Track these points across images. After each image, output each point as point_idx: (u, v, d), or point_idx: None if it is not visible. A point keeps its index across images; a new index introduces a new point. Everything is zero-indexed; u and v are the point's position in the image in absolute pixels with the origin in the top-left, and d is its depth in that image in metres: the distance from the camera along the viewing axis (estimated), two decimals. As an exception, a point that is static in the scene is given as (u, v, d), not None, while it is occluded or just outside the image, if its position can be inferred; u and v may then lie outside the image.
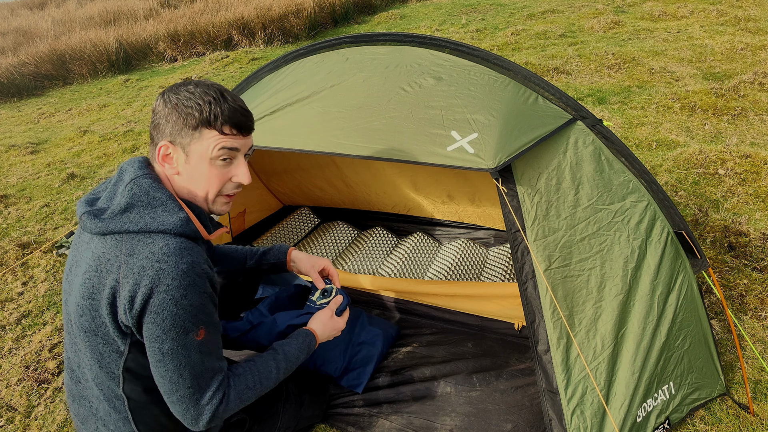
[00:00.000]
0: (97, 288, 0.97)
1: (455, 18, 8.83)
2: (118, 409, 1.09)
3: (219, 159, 1.05)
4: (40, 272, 2.90)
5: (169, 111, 1.03)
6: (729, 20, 6.53)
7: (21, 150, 5.14)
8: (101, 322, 0.99)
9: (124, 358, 1.02)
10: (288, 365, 1.22)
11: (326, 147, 1.57)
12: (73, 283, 1.05)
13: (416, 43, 1.73)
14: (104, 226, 0.99)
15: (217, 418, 1.05)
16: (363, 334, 1.94)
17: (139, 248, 0.96)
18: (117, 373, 1.04)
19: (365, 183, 2.95)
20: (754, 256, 2.39)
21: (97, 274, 0.98)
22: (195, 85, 1.04)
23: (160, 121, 1.04)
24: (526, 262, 1.39)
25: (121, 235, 0.98)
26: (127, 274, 0.94)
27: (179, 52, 8.85)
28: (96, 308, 0.99)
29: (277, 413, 1.47)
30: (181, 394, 1.01)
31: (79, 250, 1.07)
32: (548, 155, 1.48)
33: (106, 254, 0.98)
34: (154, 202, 1.01)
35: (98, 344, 1.02)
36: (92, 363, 1.05)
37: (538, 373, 1.39)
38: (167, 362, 0.98)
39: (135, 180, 1.02)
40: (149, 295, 0.93)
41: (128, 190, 1.01)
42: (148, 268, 0.94)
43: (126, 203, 1.00)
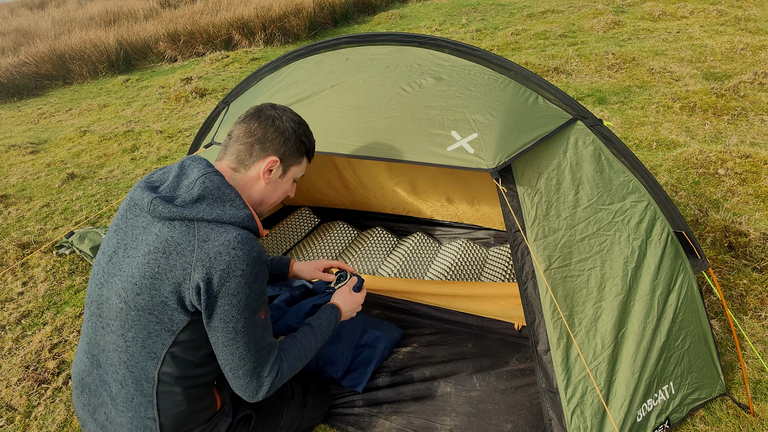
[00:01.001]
0: (164, 268, 1.04)
1: (455, 18, 8.83)
2: (145, 392, 1.11)
3: (296, 179, 1.32)
4: (40, 272, 2.90)
5: (288, 135, 1.23)
6: (729, 20, 6.53)
7: (21, 150, 5.14)
8: (160, 301, 1.05)
9: (174, 337, 1.08)
10: (322, 336, 1.36)
11: (326, 147, 1.57)
12: (122, 265, 1.09)
13: (416, 43, 1.73)
14: (178, 212, 1.06)
15: (273, 388, 1.16)
16: (365, 337, 1.95)
17: (214, 236, 1.05)
18: (160, 353, 1.09)
19: (364, 186, 2.95)
20: (754, 256, 2.39)
21: (164, 255, 1.04)
22: (295, 116, 1.27)
23: (269, 138, 1.22)
24: (526, 262, 1.39)
25: (192, 222, 1.06)
26: (202, 258, 1.03)
27: (179, 52, 8.85)
28: (158, 287, 1.04)
29: (281, 413, 1.48)
30: (247, 368, 1.11)
31: (129, 235, 1.11)
32: (548, 155, 1.48)
33: (176, 238, 1.05)
34: (224, 197, 1.12)
35: (150, 323, 1.07)
36: (132, 343, 1.08)
37: (538, 373, 1.39)
38: (239, 339, 1.08)
39: (206, 175, 1.12)
40: (226, 278, 1.03)
41: (200, 183, 1.10)
42: (224, 254, 1.03)
43: (198, 194, 1.09)
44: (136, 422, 1.13)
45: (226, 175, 1.20)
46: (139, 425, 1.13)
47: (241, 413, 1.34)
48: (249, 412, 1.36)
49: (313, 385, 1.70)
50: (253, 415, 1.37)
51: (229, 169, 1.21)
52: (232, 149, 1.22)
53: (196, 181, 1.11)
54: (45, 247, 3.11)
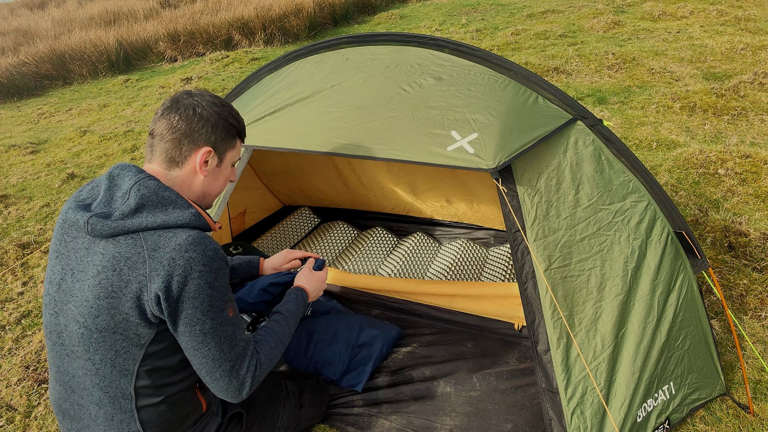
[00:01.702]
0: (117, 286, 1.01)
1: (455, 18, 8.83)
2: (124, 409, 1.09)
3: (234, 163, 1.27)
4: (40, 272, 2.90)
5: (208, 121, 1.14)
6: (729, 20, 6.53)
7: (21, 150, 5.14)
8: (122, 318, 1.02)
9: (144, 350, 1.05)
10: (294, 320, 1.35)
11: (326, 147, 1.58)
12: (72, 291, 1.06)
13: (416, 43, 1.73)
14: (119, 226, 1.01)
15: (255, 383, 1.13)
16: (362, 336, 1.95)
17: (163, 242, 1.01)
18: (132, 369, 1.06)
19: (364, 186, 2.95)
20: (754, 256, 2.39)
21: (115, 272, 1.01)
22: (212, 97, 1.17)
23: (196, 128, 1.13)
24: (526, 262, 1.39)
25: (137, 234, 1.02)
26: (156, 268, 0.99)
27: (179, 52, 8.85)
28: (116, 306, 1.01)
29: (277, 414, 1.48)
30: (224, 369, 1.08)
31: (72, 259, 1.07)
32: (548, 155, 1.48)
33: (123, 253, 1.01)
34: (164, 201, 1.07)
35: (116, 341, 1.04)
36: (101, 365, 1.06)
37: (538, 373, 1.39)
38: (209, 341, 1.05)
39: (140, 182, 1.06)
40: (184, 282, 1.00)
41: (135, 192, 1.05)
42: (178, 259, 1.00)
43: (136, 204, 1.03)
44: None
45: (161, 177, 1.13)
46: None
47: (231, 411, 1.32)
48: (239, 410, 1.35)
49: (309, 385, 1.69)
50: (243, 413, 1.36)
51: (162, 171, 1.14)
52: (159, 149, 1.13)
53: (130, 190, 1.05)
54: (45, 247, 3.11)
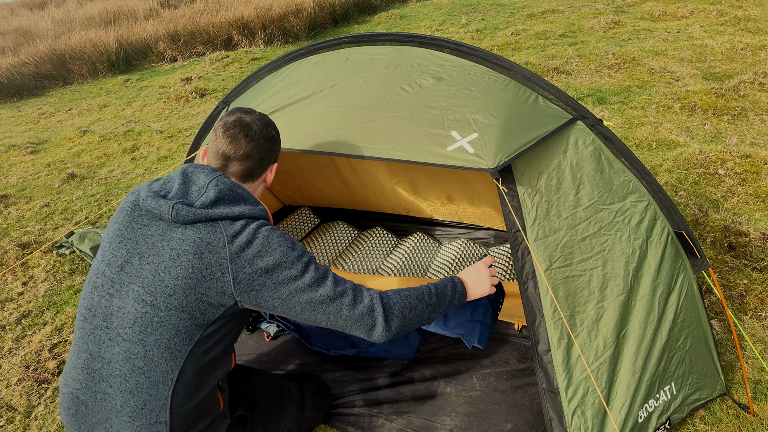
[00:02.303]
0: (197, 268, 1.10)
1: (455, 18, 8.83)
2: (160, 396, 1.11)
3: None
4: (40, 272, 2.90)
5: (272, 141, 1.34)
6: (729, 20, 6.53)
7: (21, 150, 5.14)
8: (196, 298, 1.10)
9: (202, 331, 1.12)
10: (437, 296, 1.32)
11: (326, 147, 1.57)
12: (140, 272, 1.12)
13: (416, 43, 1.73)
14: (202, 214, 1.13)
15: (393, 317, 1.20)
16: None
17: (239, 229, 1.14)
18: (184, 351, 1.11)
19: (364, 185, 2.94)
20: (754, 256, 2.39)
21: (197, 255, 1.10)
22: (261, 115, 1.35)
23: (268, 150, 1.33)
24: (527, 262, 1.39)
25: (216, 222, 1.14)
26: (236, 251, 1.11)
27: (179, 52, 8.85)
28: (193, 286, 1.09)
29: (281, 416, 1.48)
30: (353, 310, 1.17)
31: (141, 243, 1.15)
32: (548, 155, 1.48)
33: (204, 238, 1.12)
34: (238, 197, 1.20)
35: (181, 320, 1.10)
36: (152, 347, 1.09)
37: (538, 373, 1.39)
38: (316, 293, 1.15)
39: (217, 179, 1.20)
40: (268, 257, 1.13)
41: (213, 186, 1.17)
42: (256, 241, 1.13)
43: (215, 196, 1.16)
44: (145, 430, 1.11)
45: (235, 179, 1.29)
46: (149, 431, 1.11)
47: (237, 413, 1.33)
48: (243, 412, 1.36)
49: (311, 387, 1.69)
50: (247, 416, 1.36)
51: (237, 178, 1.29)
52: (237, 167, 1.28)
53: (208, 185, 1.18)
54: (45, 247, 3.11)
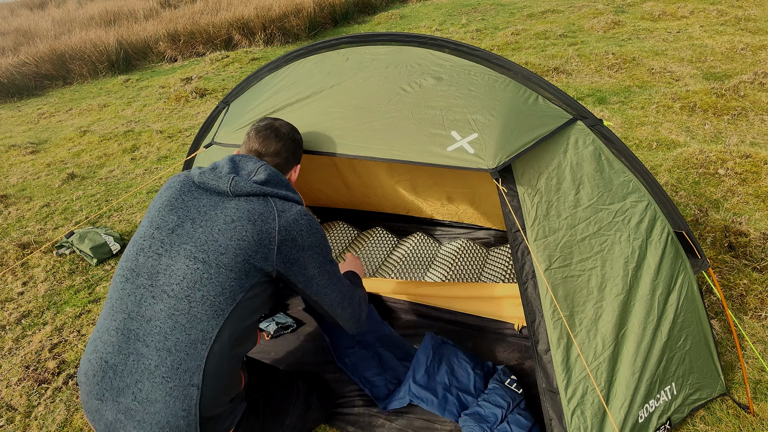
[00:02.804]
0: (250, 233, 1.21)
1: (455, 18, 8.83)
2: (197, 356, 1.14)
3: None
4: (40, 272, 2.90)
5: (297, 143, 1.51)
6: (729, 20, 6.53)
7: (21, 150, 5.15)
8: (243, 259, 1.20)
9: (244, 293, 1.21)
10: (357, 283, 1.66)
11: (326, 147, 1.57)
12: (193, 234, 1.22)
13: (416, 43, 1.73)
14: (257, 188, 1.27)
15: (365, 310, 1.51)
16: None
17: (287, 207, 1.29)
18: (227, 310, 1.18)
19: (364, 185, 2.94)
20: (754, 256, 2.39)
21: (250, 222, 1.22)
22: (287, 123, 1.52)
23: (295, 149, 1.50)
24: (527, 262, 1.39)
25: (267, 198, 1.28)
26: (284, 225, 1.26)
27: (179, 52, 8.85)
28: (244, 248, 1.20)
29: (287, 412, 1.50)
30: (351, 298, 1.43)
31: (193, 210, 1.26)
32: (548, 155, 1.48)
33: (257, 209, 1.25)
34: (282, 181, 1.36)
35: (229, 279, 1.19)
36: (199, 303, 1.16)
37: (538, 372, 1.39)
38: (335, 280, 1.38)
39: (264, 165, 1.34)
40: (308, 236, 1.30)
41: (263, 170, 1.32)
42: (300, 220, 1.29)
43: (265, 178, 1.31)
44: (177, 392, 1.11)
45: None
46: (180, 395, 1.11)
47: (252, 396, 1.38)
48: (257, 395, 1.40)
49: (317, 387, 1.70)
50: (260, 400, 1.40)
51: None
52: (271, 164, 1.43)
53: (258, 169, 1.32)
54: (45, 247, 3.11)
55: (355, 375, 1.90)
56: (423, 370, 1.81)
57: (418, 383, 1.76)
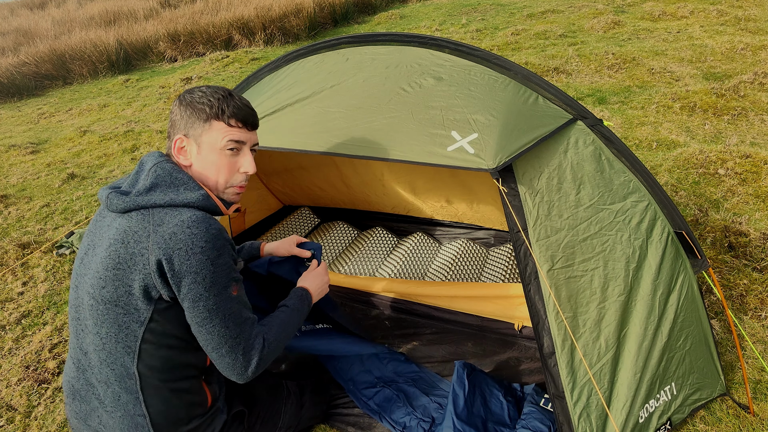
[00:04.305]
0: (123, 258, 1.05)
1: (455, 18, 8.83)
2: (130, 390, 1.11)
3: (226, 149, 1.18)
4: (40, 272, 2.90)
5: (184, 108, 1.17)
6: (729, 20, 6.53)
7: (21, 150, 5.14)
8: (125, 291, 1.06)
9: (144, 327, 1.08)
10: (298, 315, 1.35)
11: (326, 147, 1.57)
12: (90, 264, 1.11)
13: (416, 43, 1.73)
14: (131, 202, 1.09)
15: (262, 364, 1.15)
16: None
17: (168, 218, 1.06)
18: (134, 347, 1.08)
19: (365, 184, 2.94)
20: (754, 256, 2.39)
21: (123, 245, 1.06)
22: (207, 87, 1.19)
23: (176, 119, 1.18)
24: (529, 262, 1.39)
25: (147, 210, 1.08)
26: (158, 241, 1.03)
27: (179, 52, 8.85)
28: (121, 278, 1.06)
29: (279, 413, 1.48)
30: (230, 346, 1.10)
31: (96, 234, 1.15)
32: (549, 155, 1.48)
33: (132, 227, 1.07)
34: (176, 182, 1.13)
35: (118, 315, 1.07)
36: (107, 340, 1.08)
37: (546, 378, 1.37)
38: (213, 317, 1.08)
39: (158, 164, 1.14)
40: (186, 258, 1.03)
41: (152, 173, 1.12)
42: (180, 234, 1.03)
43: (151, 183, 1.11)
44: (127, 421, 1.12)
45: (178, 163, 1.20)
46: (131, 424, 1.12)
47: (235, 409, 1.33)
48: (241, 408, 1.35)
49: (310, 385, 1.69)
50: (245, 412, 1.36)
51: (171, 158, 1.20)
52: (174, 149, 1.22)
53: (149, 171, 1.13)
54: (45, 247, 3.11)
55: (383, 419, 1.75)
56: (462, 403, 1.67)
57: (461, 418, 1.62)
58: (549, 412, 1.65)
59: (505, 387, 1.81)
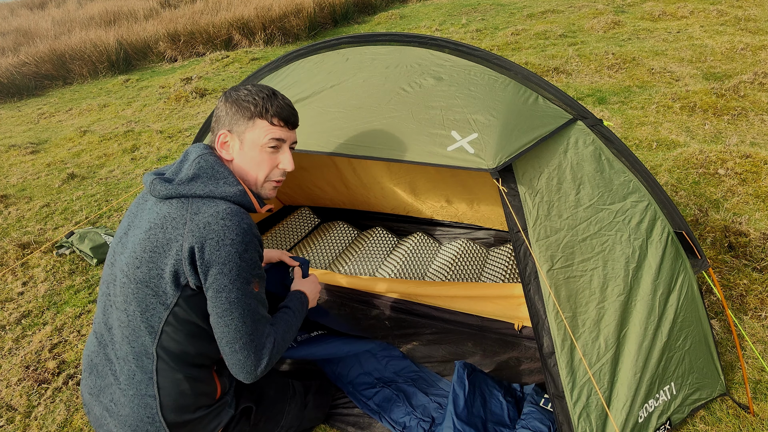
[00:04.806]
0: (161, 242, 1.10)
1: (455, 18, 8.83)
2: (145, 369, 1.14)
3: (268, 146, 1.22)
4: (40, 272, 2.90)
5: (230, 105, 1.21)
6: (729, 20, 6.53)
7: (21, 150, 5.14)
8: (157, 273, 1.10)
9: (169, 311, 1.12)
10: (299, 316, 1.37)
11: (326, 147, 1.57)
12: (127, 243, 1.16)
13: (416, 43, 1.73)
14: (173, 190, 1.13)
15: (271, 362, 1.17)
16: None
17: (204, 208, 1.10)
18: (157, 328, 1.12)
19: (364, 186, 2.94)
20: (754, 256, 2.39)
21: (162, 230, 1.10)
22: (253, 86, 1.24)
23: (221, 114, 1.22)
24: (529, 263, 1.39)
25: (187, 199, 1.13)
26: (192, 229, 1.08)
27: (179, 52, 8.85)
28: (155, 260, 1.10)
29: (282, 412, 1.49)
30: (244, 342, 1.12)
31: (137, 216, 1.19)
32: (549, 155, 1.48)
33: (172, 213, 1.11)
34: (217, 175, 1.17)
35: (147, 296, 1.11)
36: (133, 317, 1.13)
37: (546, 378, 1.37)
38: (233, 310, 1.10)
39: (201, 156, 1.18)
40: (216, 248, 1.07)
41: (195, 164, 1.16)
42: (213, 224, 1.08)
43: (193, 173, 1.15)
44: (137, 400, 1.15)
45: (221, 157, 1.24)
46: (140, 403, 1.15)
47: (243, 405, 1.35)
48: (249, 404, 1.37)
49: (314, 386, 1.70)
50: (253, 408, 1.38)
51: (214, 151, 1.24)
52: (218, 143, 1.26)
53: (193, 162, 1.17)
54: (45, 247, 3.11)
55: (383, 419, 1.76)
56: (462, 403, 1.67)
57: (461, 419, 1.62)
58: (549, 412, 1.65)
59: (504, 387, 1.80)
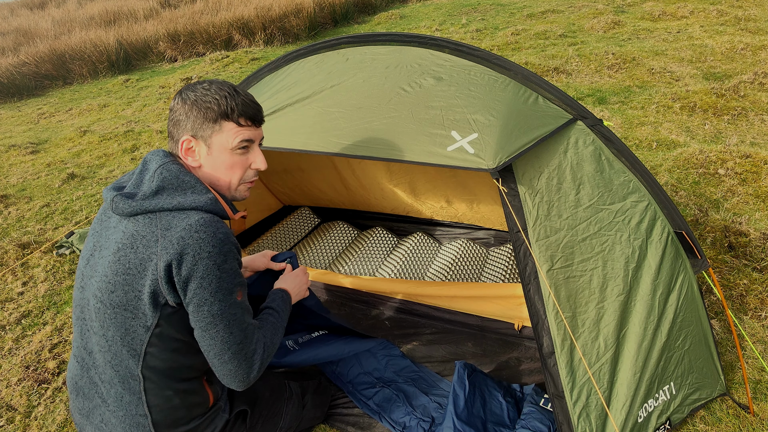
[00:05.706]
0: (133, 263, 1.04)
1: (455, 18, 8.83)
2: (133, 390, 1.11)
3: (238, 149, 1.16)
4: (40, 272, 2.90)
5: (189, 108, 1.12)
6: (729, 20, 6.53)
7: (21, 150, 5.14)
8: (134, 295, 1.05)
9: (150, 332, 1.07)
10: (283, 316, 1.35)
11: (326, 147, 1.57)
12: (96, 266, 1.11)
13: (416, 43, 1.73)
14: (138, 206, 1.06)
15: (262, 367, 1.15)
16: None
17: (175, 222, 1.04)
18: (139, 350, 1.08)
19: (364, 187, 2.94)
20: (754, 256, 2.39)
21: (133, 250, 1.05)
22: (209, 83, 1.15)
23: (180, 118, 1.13)
24: (529, 263, 1.39)
25: (154, 214, 1.06)
26: (166, 246, 1.02)
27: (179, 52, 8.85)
28: (130, 282, 1.05)
29: (280, 414, 1.48)
30: (233, 352, 1.09)
31: (102, 235, 1.13)
32: (549, 155, 1.48)
33: (140, 231, 1.05)
34: (183, 185, 1.10)
35: (126, 319, 1.07)
36: (113, 342, 1.09)
37: (546, 377, 1.38)
38: (218, 323, 1.06)
39: (163, 166, 1.10)
40: (193, 262, 1.02)
41: (158, 175, 1.09)
42: (188, 238, 1.02)
43: (157, 186, 1.08)
44: (128, 420, 1.13)
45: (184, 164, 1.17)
46: (132, 423, 1.13)
47: (237, 408, 1.33)
48: (244, 407, 1.36)
49: (312, 386, 1.69)
50: (248, 411, 1.37)
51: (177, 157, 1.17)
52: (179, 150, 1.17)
53: (155, 173, 1.10)
54: (45, 247, 3.11)
55: (383, 419, 1.75)
56: (462, 403, 1.66)
57: (461, 419, 1.61)
58: (549, 412, 1.64)
59: (504, 388, 1.80)
